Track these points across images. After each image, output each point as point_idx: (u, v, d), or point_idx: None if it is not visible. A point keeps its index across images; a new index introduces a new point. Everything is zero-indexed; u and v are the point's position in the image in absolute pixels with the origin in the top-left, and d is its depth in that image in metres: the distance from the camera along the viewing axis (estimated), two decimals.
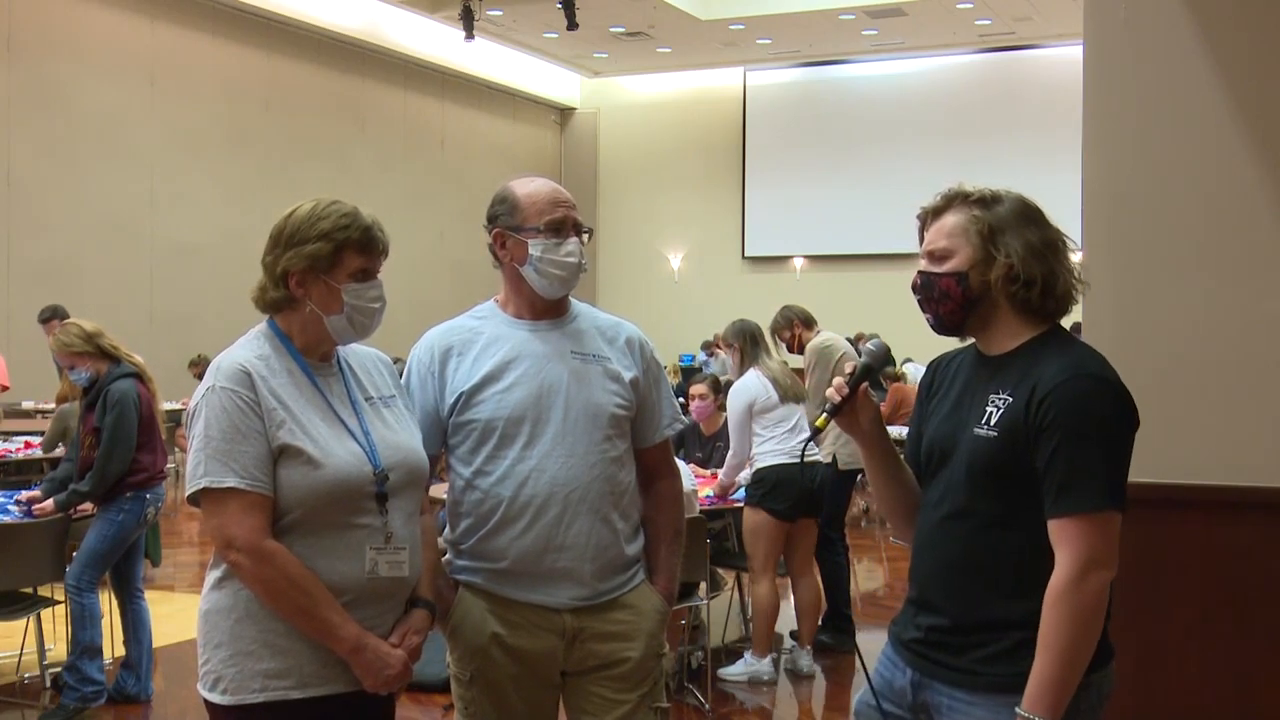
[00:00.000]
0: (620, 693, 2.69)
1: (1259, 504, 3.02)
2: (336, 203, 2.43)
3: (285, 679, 2.30)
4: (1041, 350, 2.16)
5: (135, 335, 13.61)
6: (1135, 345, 3.15)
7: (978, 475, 2.15)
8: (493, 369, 2.66)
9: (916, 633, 2.26)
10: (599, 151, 24.51)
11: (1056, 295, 2.18)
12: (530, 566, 2.62)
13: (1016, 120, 20.73)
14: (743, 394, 5.79)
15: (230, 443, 2.28)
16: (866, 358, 2.40)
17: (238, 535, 2.27)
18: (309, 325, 2.42)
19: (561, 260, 2.67)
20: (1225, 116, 3.11)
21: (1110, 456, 2.08)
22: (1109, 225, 3.21)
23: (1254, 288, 3.08)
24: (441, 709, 5.35)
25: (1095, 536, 2.05)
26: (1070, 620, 2.03)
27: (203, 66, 16.43)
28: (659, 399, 2.82)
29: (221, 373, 2.34)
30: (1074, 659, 2.04)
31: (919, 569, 2.29)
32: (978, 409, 2.18)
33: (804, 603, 6.00)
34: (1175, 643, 3.09)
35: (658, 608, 2.74)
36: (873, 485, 2.46)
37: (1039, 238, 2.18)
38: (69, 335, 5.30)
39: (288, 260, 2.38)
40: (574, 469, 2.63)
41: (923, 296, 2.25)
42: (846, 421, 2.35)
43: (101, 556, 5.25)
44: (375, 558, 2.35)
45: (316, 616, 2.29)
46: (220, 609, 2.35)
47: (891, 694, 2.31)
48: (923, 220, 2.29)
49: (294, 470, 2.31)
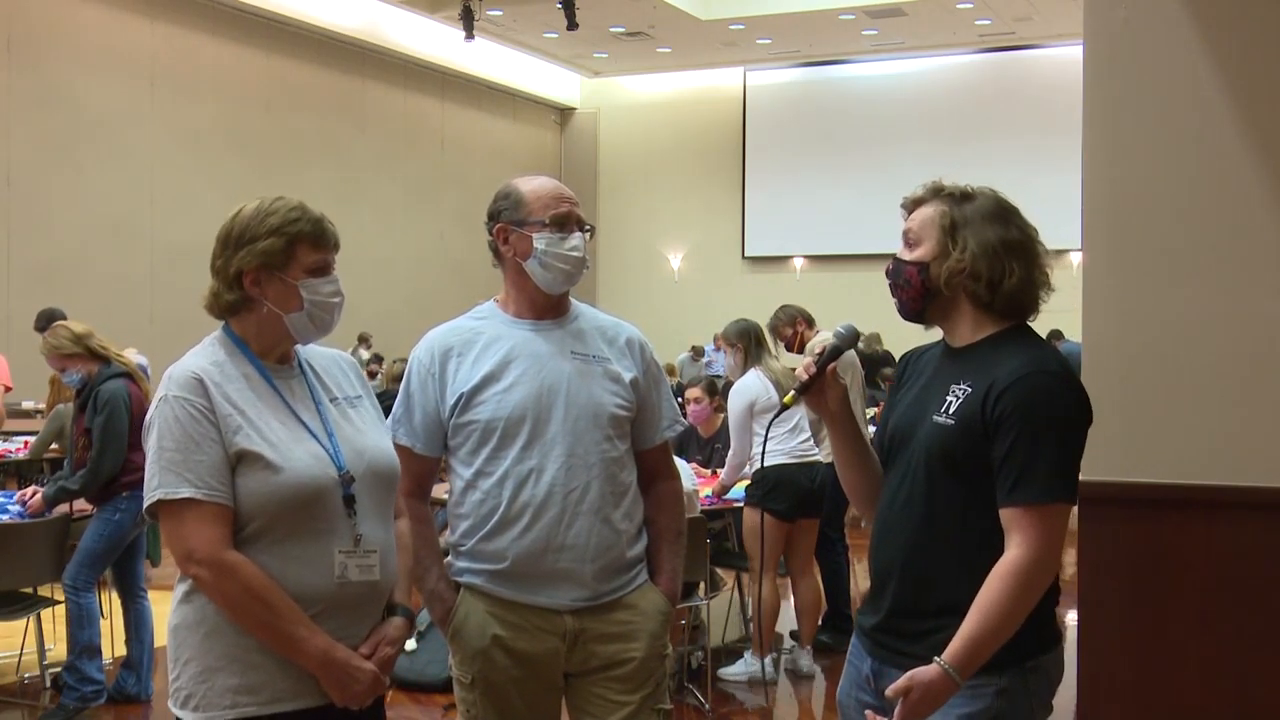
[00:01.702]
0: (622, 694, 2.68)
1: (1259, 504, 3.02)
2: (282, 198, 2.36)
3: (256, 695, 2.23)
4: (1002, 345, 2.23)
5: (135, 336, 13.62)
6: (1135, 345, 3.15)
7: (934, 462, 2.22)
8: (493, 369, 2.66)
9: (875, 619, 2.32)
10: (599, 151, 24.51)
11: (1004, 293, 2.23)
12: (531, 567, 2.62)
13: (1016, 120, 20.73)
14: (744, 394, 5.80)
15: (184, 452, 2.20)
16: (835, 339, 2.44)
17: (197, 548, 2.19)
18: (266, 326, 2.34)
19: (566, 254, 2.67)
20: (1225, 116, 3.11)
21: (1063, 450, 2.15)
22: (1109, 225, 3.21)
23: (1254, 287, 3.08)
24: (441, 709, 5.35)
25: (1046, 526, 2.12)
26: (1009, 596, 2.10)
27: (203, 66, 16.44)
28: (659, 400, 2.82)
29: (173, 381, 2.27)
30: (1002, 630, 2.11)
31: (877, 556, 2.35)
32: (938, 398, 2.25)
33: (804, 603, 6.01)
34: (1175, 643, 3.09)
35: (661, 608, 2.74)
36: (838, 467, 2.52)
37: (998, 236, 2.23)
38: (58, 338, 5.30)
39: (240, 260, 2.30)
40: (575, 469, 2.62)
41: (891, 281, 2.33)
42: (815, 401, 2.40)
43: (98, 556, 5.25)
44: (345, 561, 2.27)
45: (280, 630, 2.21)
46: (188, 624, 2.27)
47: (860, 682, 2.36)
48: (907, 210, 2.36)
49: (252, 477, 2.22)
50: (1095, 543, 3.17)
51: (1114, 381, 3.14)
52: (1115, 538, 3.15)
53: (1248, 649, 3.04)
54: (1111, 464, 3.13)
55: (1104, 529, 3.15)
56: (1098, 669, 3.15)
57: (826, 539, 6.34)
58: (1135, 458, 3.13)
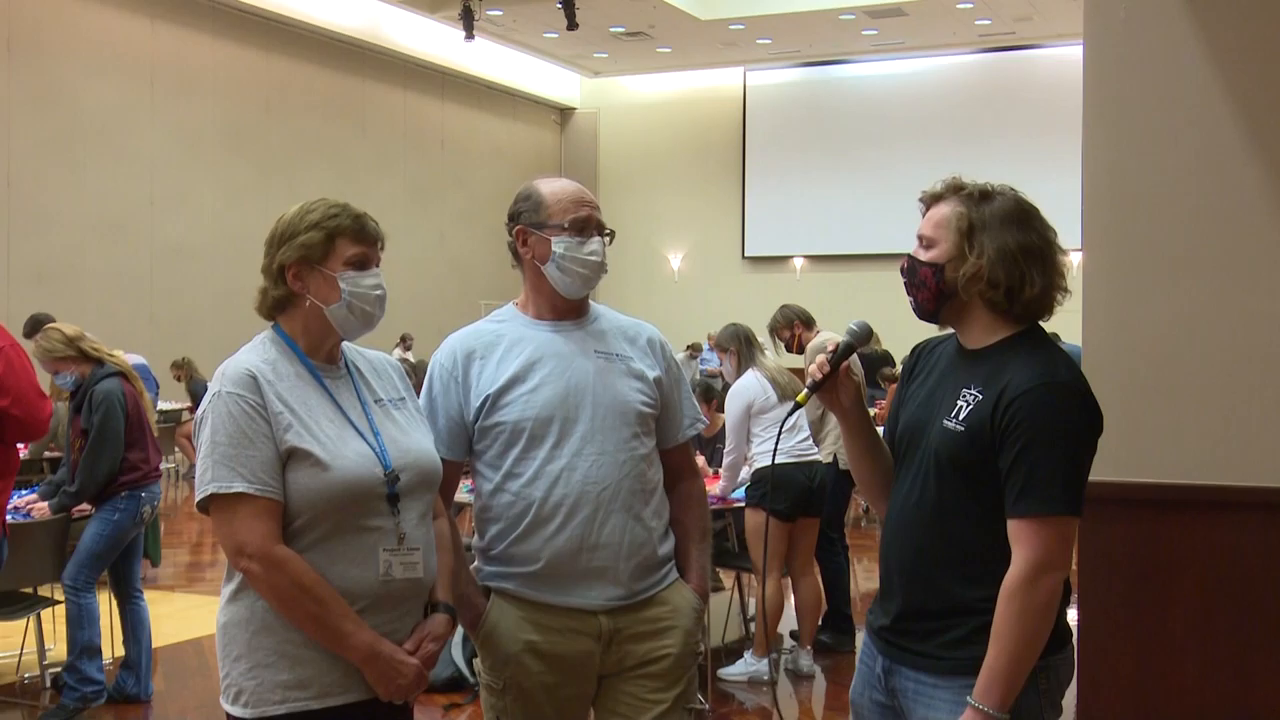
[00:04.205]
0: (655, 692, 2.65)
1: (1259, 504, 3.02)
2: (324, 198, 2.45)
3: (305, 690, 2.29)
4: (1014, 352, 2.20)
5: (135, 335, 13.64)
6: (1135, 345, 3.15)
7: (944, 466, 2.21)
8: (518, 370, 2.63)
9: (885, 619, 2.32)
10: (599, 151, 24.51)
11: (1023, 301, 2.19)
12: (565, 568, 2.59)
13: (1016, 120, 20.73)
14: (742, 395, 5.81)
15: (237, 447, 2.26)
16: (848, 336, 2.43)
17: (249, 542, 2.24)
18: (311, 321, 2.41)
19: (584, 258, 2.66)
20: (1225, 116, 3.11)
21: (1071, 463, 2.13)
22: (1109, 225, 3.21)
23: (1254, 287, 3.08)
24: (442, 709, 5.35)
25: (1051, 538, 2.10)
26: (1022, 617, 2.09)
27: (203, 66, 16.44)
28: (680, 399, 2.80)
29: (227, 378, 2.32)
30: (1024, 654, 2.10)
31: (887, 556, 2.34)
32: (949, 401, 2.24)
33: (804, 603, 6.01)
34: (1175, 643, 3.09)
35: (694, 605, 2.72)
36: (851, 461, 2.50)
37: (1017, 242, 2.18)
38: (50, 341, 5.32)
39: (283, 254, 2.39)
40: (605, 467, 2.60)
41: (907, 280, 2.31)
42: (829, 398, 2.39)
43: (98, 556, 5.25)
44: (389, 559, 2.33)
45: (328, 624, 2.27)
46: (238, 621, 2.33)
47: (873, 681, 2.36)
48: (925, 205, 2.32)
49: (302, 473, 2.28)
50: (1095, 543, 3.17)
51: (1114, 381, 3.14)
52: (1115, 538, 3.15)
53: (1247, 649, 3.04)
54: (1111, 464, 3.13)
55: (1104, 529, 3.15)
56: (1098, 669, 3.15)
57: (827, 539, 6.34)
58: (1135, 458, 3.13)
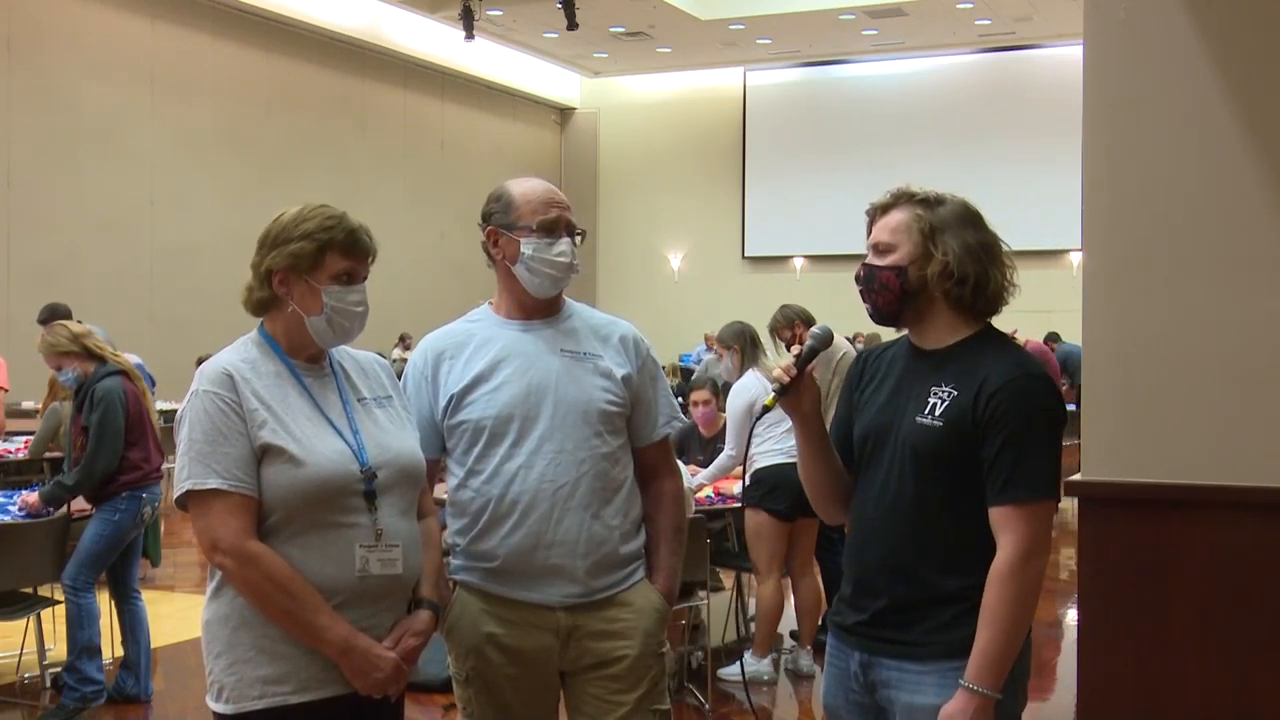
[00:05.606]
0: (617, 694, 2.68)
1: (1259, 504, 3.02)
2: (325, 206, 2.45)
3: (284, 684, 2.31)
4: (983, 349, 2.31)
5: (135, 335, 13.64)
6: (1134, 345, 3.15)
7: (923, 461, 2.28)
8: (482, 369, 2.69)
9: (860, 615, 2.38)
10: (599, 151, 24.51)
11: (988, 295, 2.31)
12: (522, 564, 2.64)
13: (1016, 120, 20.74)
14: (743, 394, 5.80)
15: (212, 444, 2.29)
16: (812, 340, 2.46)
17: (222, 537, 2.28)
18: (292, 326, 2.43)
19: (553, 259, 2.69)
20: (1225, 116, 3.11)
21: (1050, 451, 2.25)
22: (1109, 225, 3.21)
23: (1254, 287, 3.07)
24: (441, 709, 5.35)
25: (1036, 523, 2.21)
26: (1013, 600, 2.19)
27: (203, 66, 16.44)
28: (656, 396, 2.82)
29: (204, 377, 2.36)
30: (1016, 636, 2.21)
31: (862, 556, 2.41)
32: (918, 400, 2.31)
33: (804, 603, 6.00)
34: (1175, 643, 3.09)
35: (657, 606, 2.73)
36: (803, 466, 2.53)
37: (976, 240, 2.31)
38: (56, 336, 5.36)
39: (272, 259, 2.40)
40: (563, 465, 2.64)
41: (864, 287, 2.39)
42: (790, 402, 2.42)
43: (98, 556, 5.25)
44: (366, 555, 2.35)
45: (302, 619, 2.29)
46: (219, 618, 2.36)
47: (848, 680, 2.42)
48: (871, 216, 2.40)
49: (276, 469, 2.31)
50: (1095, 543, 3.17)
51: (1114, 381, 3.14)
52: (1115, 538, 3.15)
53: (1248, 649, 3.04)
54: (1111, 464, 3.14)
55: (1104, 529, 3.15)
56: (1098, 669, 3.15)
57: (826, 539, 6.33)
58: (1135, 458, 3.13)
